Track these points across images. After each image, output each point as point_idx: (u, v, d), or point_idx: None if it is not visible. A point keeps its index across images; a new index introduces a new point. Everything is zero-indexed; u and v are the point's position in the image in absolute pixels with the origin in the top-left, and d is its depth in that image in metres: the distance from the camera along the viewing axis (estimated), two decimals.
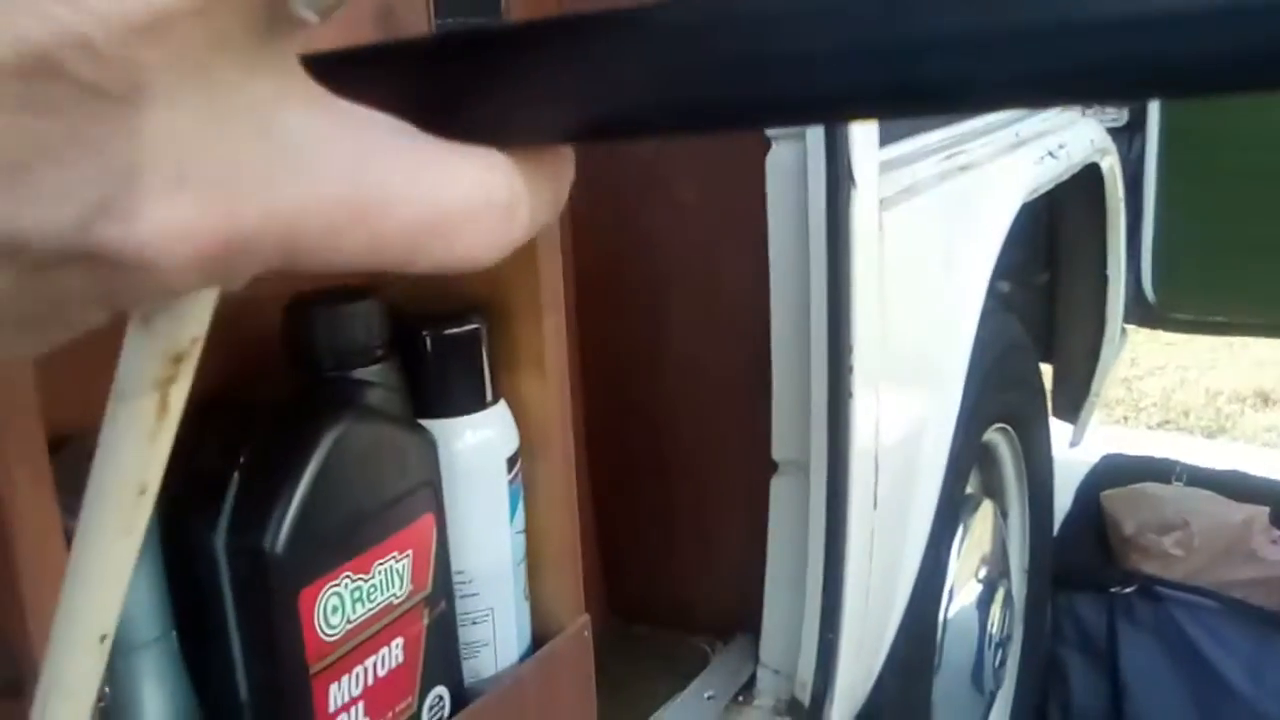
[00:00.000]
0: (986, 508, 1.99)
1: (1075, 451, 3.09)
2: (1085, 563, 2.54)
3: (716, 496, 1.32)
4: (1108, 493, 2.67)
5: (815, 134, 1.09)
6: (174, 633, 0.75)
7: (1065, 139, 1.78)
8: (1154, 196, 2.57)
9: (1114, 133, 2.48)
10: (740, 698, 1.29)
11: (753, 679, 1.29)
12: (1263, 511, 2.54)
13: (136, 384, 0.37)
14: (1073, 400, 2.47)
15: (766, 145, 1.14)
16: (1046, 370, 2.50)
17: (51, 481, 0.62)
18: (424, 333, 0.89)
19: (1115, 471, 2.84)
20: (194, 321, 0.37)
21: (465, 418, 0.91)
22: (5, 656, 0.63)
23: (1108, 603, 2.43)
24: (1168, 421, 4.54)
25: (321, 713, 0.79)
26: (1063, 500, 2.67)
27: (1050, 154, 1.68)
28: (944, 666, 1.73)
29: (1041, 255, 2.38)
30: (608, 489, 1.36)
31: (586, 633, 1.04)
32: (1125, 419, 4.61)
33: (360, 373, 0.83)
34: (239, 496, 0.75)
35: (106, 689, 0.71)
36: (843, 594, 1.21)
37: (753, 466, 1.25)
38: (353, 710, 0.81)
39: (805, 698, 1.24)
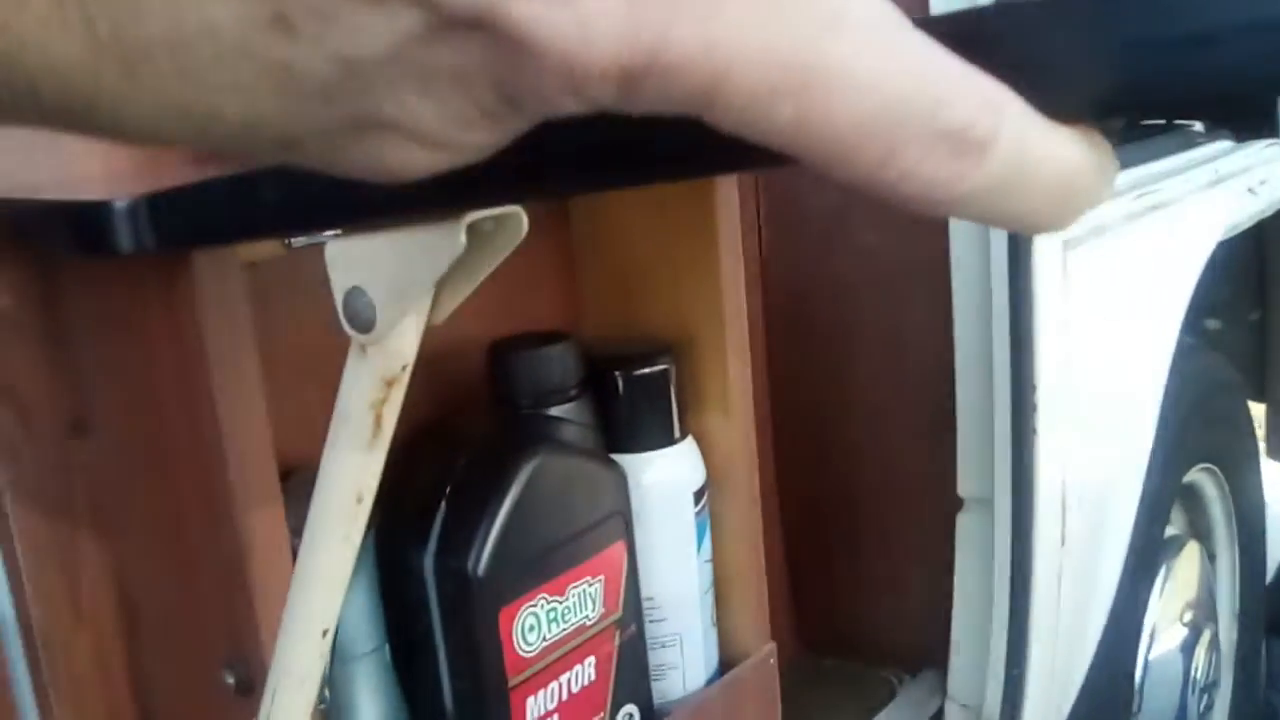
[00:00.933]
0: (1192, 550, 1.95)
1: None
2: None
3: (904, 532, 1.34)
4: None
5: None
6: (387, 646, 0.82)
7: (1267, 174, 1.75)
8: None
9: None
10: None
11: (940, 713, 1.31)
12: None
13: (356, 405, 0.44)
14: None
15: None
16: (1259, 411, 2.43)
17: (281, 507, 0.70)
18: (615, 373, 0.95)
19: None
20: (405, 351, 0.44)
21: (654, 453, 0.97)
22: (241, 660, 0.71)
23: None
24: None
25: None
26: None
27: (1250, 190, 1.65)
28: (1144, 710, 1.70)
29: (1253, 292, 2.31)
30: (798, 523, 1.40)
31: (772, 660, 1.08)
32: None
33: (556, 410, 0.89)
34: (446, 522, 0.82)
35: (327, 692, 0.78)
36: (1029, 630, 1.22)
37: (939, 503, 1.27)
38: None
39: None
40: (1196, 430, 1.82)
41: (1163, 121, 2.03)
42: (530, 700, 0.85)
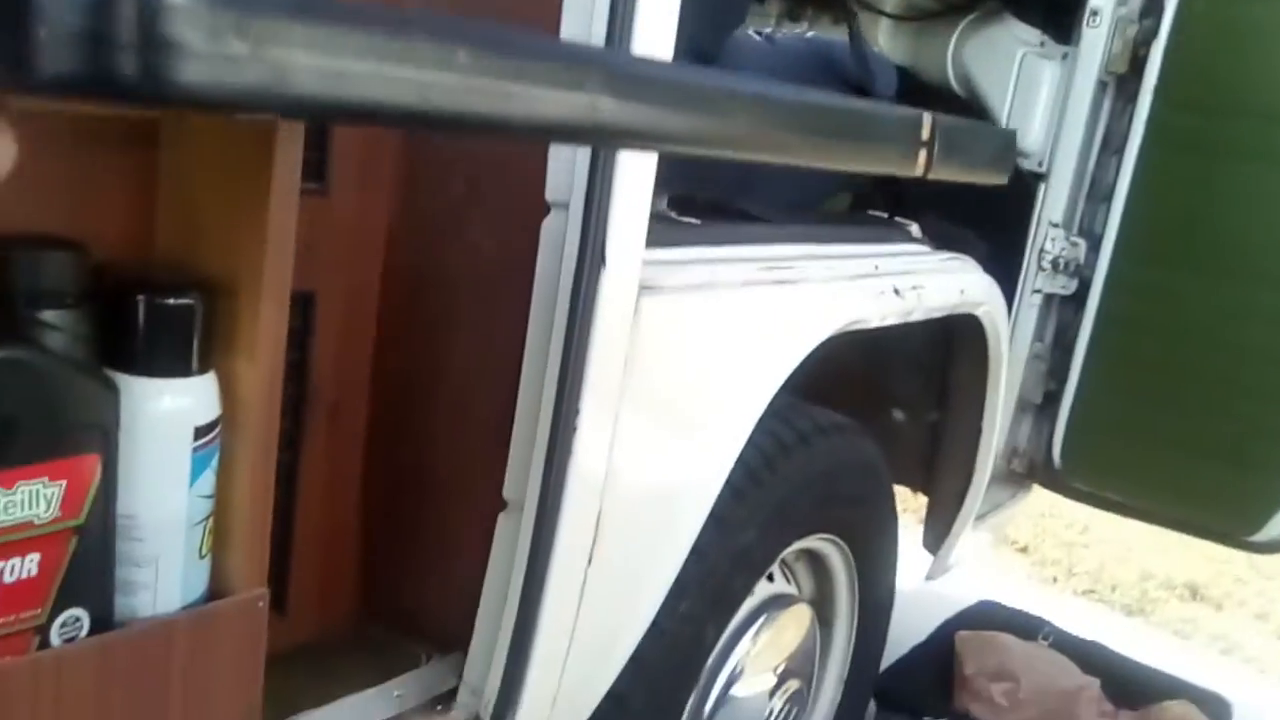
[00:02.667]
0: (801, 610, 2.08)
1: (961, 591, 3.18)
2: (920, 692, 2.61)
3: (462, 523, 1.42)
4: (963, 633, 2.74)
5: (576, 206, 1.20)
6: None
7: (925, 281, 1.87)
8: (1079, 369, 2.64)
9: (1064, 301, 2.59)
10: (439, 707, 1.38)
11: (454, 691, 1.38)
12: (1094, 683, 2.60)
13: None
14: (937, 536, 2.54)
15: (547, 210, 1.25)
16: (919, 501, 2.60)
17: None
18: (138, 297, 1.00)
19: (984, 617, 2.91)
20: None
21: (162, 380, 1.02)
22: None
23: None
24: (1092, 591, 4.58)
25: None
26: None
27: (896, 291, 1.77)
28: None
29: (936, 395, 2.46)
30: (379, 500, 1.46)
31: (261, 604, 1.13)
32: (1055, 579, 4.66)
33: (48, 315, 0.94)
34: None
35: None
36: (535, 631, 1.30)
37: (495, 501, 1.35)
38: None
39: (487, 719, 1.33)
40: (818, 502, 1.95)
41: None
42: None
